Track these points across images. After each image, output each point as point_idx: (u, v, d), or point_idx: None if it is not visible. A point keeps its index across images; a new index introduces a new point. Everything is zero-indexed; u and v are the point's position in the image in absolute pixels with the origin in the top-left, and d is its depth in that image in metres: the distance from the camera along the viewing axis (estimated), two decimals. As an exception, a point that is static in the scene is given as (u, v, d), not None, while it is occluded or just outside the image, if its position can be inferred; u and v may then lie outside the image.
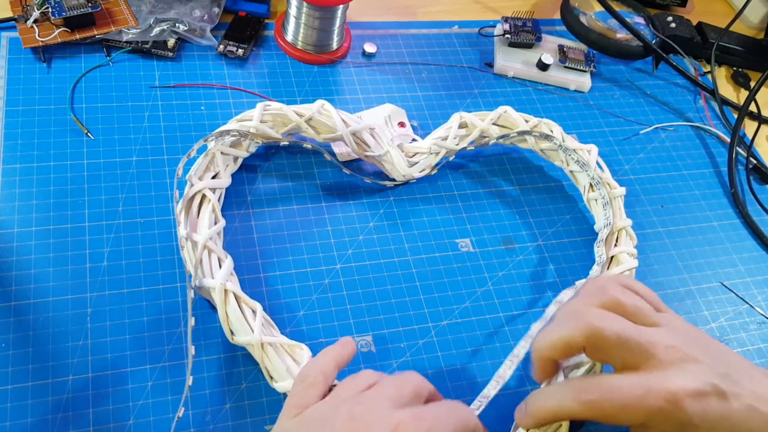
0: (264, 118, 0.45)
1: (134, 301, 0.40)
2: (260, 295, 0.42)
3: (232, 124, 0.45)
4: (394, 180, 0.48)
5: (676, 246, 0.51)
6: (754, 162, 0.57)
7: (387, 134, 0.46)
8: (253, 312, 0.38)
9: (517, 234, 0.48)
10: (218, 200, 0.43)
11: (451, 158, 0.50)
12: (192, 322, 0.37)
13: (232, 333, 0.37)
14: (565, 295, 0.42)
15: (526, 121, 0.50)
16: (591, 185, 0.48)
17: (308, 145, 0.47)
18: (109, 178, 0.45)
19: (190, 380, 0.36)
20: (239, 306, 0.38)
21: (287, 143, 0.47)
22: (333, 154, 0.49)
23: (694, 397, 0.29)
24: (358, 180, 0.48)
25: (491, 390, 0.37)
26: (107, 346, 0.38)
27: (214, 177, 0.43)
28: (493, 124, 0.49)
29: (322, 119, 0.45)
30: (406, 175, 0.47)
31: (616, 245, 0.45)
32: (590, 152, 0.49)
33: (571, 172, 0.50)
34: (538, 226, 0.49)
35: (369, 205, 0.48)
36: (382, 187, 0.49)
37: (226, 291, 0.37)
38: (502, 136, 0.49)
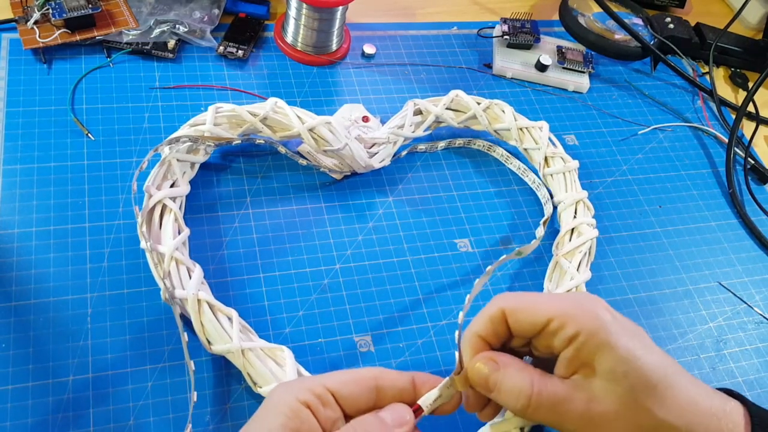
0: (218, 121, 0.44)
1: (134, 301, 0.40)
2: (259, 296, 0.42)
3: (184, 130, 0.44)
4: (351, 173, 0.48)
5: (674, 246, 0.51)
6: (752, 162, 0.58)
7: (343, 128, 0.46)
8: (229, 319, 0.37)
9: (515, 234, 0.49)
10: (179, 209, 0.42)
11: (410, 148, 0.51)
12: (185, 338, 0.37)
13: (209, 342, 0.37)
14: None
15: (478, 104, 0.51)
16: (546, 160, 0.50)
17: (260, 141, 0.46)
18: (109, 179, 0.45)
19: (194, 396, 0.36)
20: (214, 314, 0.37)
21: (239, 142, 0.45)
22: (290, 147, 0.47)
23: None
24: (327, 175, 0.49)
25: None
26: (107, 347, 0.38)
27: (172, 186, 0.42)
28: (447, 108, 0.51)
29: (278, 117, 0.45)
30: (367, 167, 0.48)
31: (575, 217, 0.47)
32: (542, 129, 0.50)
33: (525, 149, 0.51)
34: (536, 226, 0.49)
35: (368, 206, 0.48)
36: (381, 187, 0.49)
37: (199, 301, 0.37)
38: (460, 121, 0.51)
